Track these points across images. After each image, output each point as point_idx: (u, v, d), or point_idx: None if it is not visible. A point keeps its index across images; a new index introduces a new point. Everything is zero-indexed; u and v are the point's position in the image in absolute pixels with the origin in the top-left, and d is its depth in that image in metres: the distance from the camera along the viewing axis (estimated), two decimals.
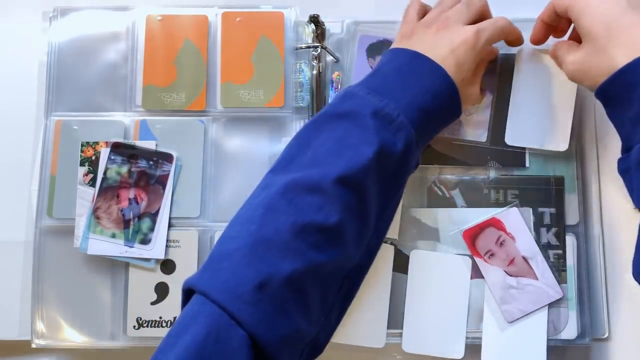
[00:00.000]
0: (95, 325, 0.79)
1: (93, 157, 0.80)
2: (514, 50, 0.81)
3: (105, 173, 0.79)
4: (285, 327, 0.58)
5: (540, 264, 0.77)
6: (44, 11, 0.85)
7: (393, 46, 0.74)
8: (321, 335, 0.64)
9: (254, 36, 0.83)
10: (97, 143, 0.80)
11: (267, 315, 0.57)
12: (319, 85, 0.83)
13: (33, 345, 0.79)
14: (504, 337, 0.77)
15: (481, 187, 0.80)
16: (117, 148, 0.80)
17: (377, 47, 0.83)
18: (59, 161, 0.80)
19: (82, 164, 0.80)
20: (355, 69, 0.83)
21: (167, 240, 0.79)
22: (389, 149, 0.65)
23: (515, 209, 0.79)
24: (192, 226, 0.80)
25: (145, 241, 0.78)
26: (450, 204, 0.80)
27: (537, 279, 0.77)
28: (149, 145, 0.80)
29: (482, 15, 0.75)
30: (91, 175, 0.79)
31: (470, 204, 0.80)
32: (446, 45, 0.70)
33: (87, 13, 0.85)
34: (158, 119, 0.82)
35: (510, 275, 0.77)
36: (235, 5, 0.85)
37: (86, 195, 0.79)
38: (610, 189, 0.81)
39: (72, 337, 0.79)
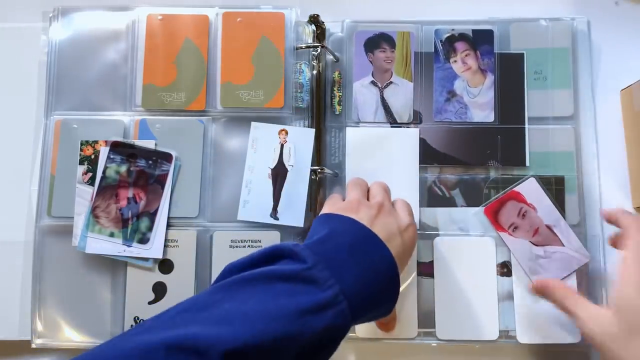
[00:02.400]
0: (95, 325, 0.79)
1: (92, 156, 0.80)
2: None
3: (104, 172, 0.79)
4: None
5: (564, 230, 0.78)
6: (44, 11, 0.85)
7: (340, 213, 0.67)
8: None
9: (255, 36, 0.83)
10: (96, 142, 0.80)
11: None
12: (319, 85, 0.83)
13: (33, 345, 0.79)
14: (535, 311, 0.78)
15: (481, 186, 0.80)
16: (116, 147, 0.80)
17: (375, 41, 0.84)
18: (59, 160, 0.80)
19: (81, 162, 0.80)
20: (355, 65, 0.83)
21: (165, 240, 0.79)
22: (319, 332, 0.56)
23: (532, 179, 0.80)
24: (191, 226, 0.80)
25: (143, 240, 0.78)
26: (451, 203, 0.80)
27: (563, 245, 0.78)
28: (148, 144, 0.80)
29: None
30: (90, 174, 0.79)
31: (471, 203, 0.80)
32: (394, 225, 0.67)
33: (87, 13, 0.85)
34: (158, 118, 0.82)
35: (537, 245, 0.78)
36: (236, 5, 0.85)
37: (85, 194, 0.79)
38: (610, 189, 0.81)
39: (72, 337, 0.79)
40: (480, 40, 0.83)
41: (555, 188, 0.79)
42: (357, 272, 0.60)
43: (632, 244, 0.66)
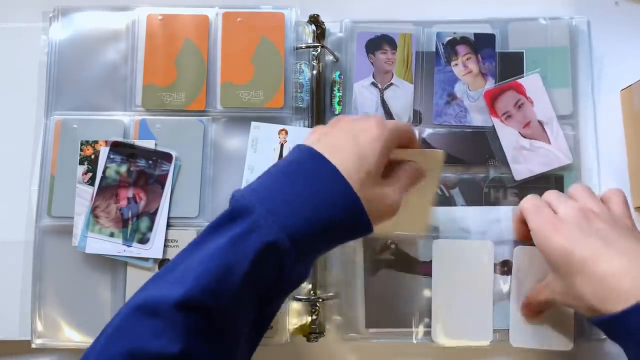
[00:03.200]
0: (95, 325, 0.78)
1: (92, 156, 0.80)
2: None
3: (104, 172, 0.79)
4: None
5: (554, 130, 0.80)
6: (44, 11, 0.85)
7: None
8: None
9: (255, 36, 0.83)
10: (96, 142, 0.80)
11: None
12: (319, 85, 0.83)
13: (33, 345, 0.78)
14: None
15: (481, 186, 0.80)
16: (116, 147, 0.80)
17: (376, 42, 0.84)
18: (59, 160, 0.80)
19: (81, 162, 0.80)
20: (356, 66, 0.83)
21: (165, 240, 0.79)
22: (253, 256, 0.56)
23: (537, 75, 0.81)
24: (191, 226, 0.80)
25: (143, 240, 0.78)
26: (450, 202, 0.80)
27: (549, 143, 0.80)
28: (148, 144, 0.80)
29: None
30: (90, 174, 0.79)
31: (470, 202, 0.80)
32: (348, 136, 0.62)
33: (87, 13, 0.85)
34: (158, 118, 0.82)
35: (524, 137, 0.80)
36: (236, 5, 0.85)
37: (85, 194, 0.79)
38: None
39: (72, 337, 0.79)
40: (481, 44, 0.83)
41: (554, 187, 0.79)
42: (288, 194, 0.58)
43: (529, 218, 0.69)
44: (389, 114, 0.82)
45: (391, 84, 0.83)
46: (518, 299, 0.77)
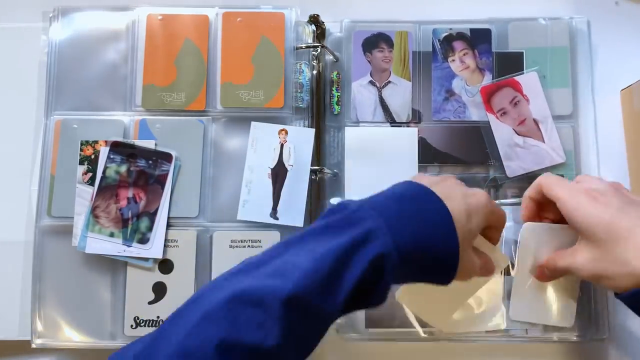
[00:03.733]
0: (95, 325, 0.79)
1: (92, 156, 0.80)
2: None
3: (104, 172, 0.79)
4: None
5: (549, 129, 0.80)
6: (44, 11, 0.85)
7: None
8: None
9: (254, 36, 0.83)
10: (96, 142, 0.80)
11: None
12: (319, 85, 0.83)
13: (33, 345, 0.78)
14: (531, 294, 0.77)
15: (481, 185, 0.80)
16: (116, 147, 0.80)
17: (373, 41, 0.84)
18: (59, 160, 0.80)
19: (81, 162, 0.80)
20: (353, 65, 0.83)
21: (165, 240, 0.79)
22: (366, 265, 0.57)
23: (534, 73, 0.81)
24: (191, 226, 0.80)
25: (143, 240, 0.78)
26: None
27: (543, 141, 0.80)
28: (148, 144, 0.80)
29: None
30: (90, 174, 0.79)
31: None
32: (459, 192, 0.63)
33: (87, 13, 0.85)
34: (158, 118, 0.82)
35: (519, 135, 0.80)
36: (236, 5, 0.85)
37: (85, 194, 0.79)
38: None
39: (72, 337, 0.79)
40: (478, 39, 0.83)
41: None
42: (403, 214, 0.59)
43: (558, 191, 0.69)
44: (387, 112, 0.82)
45: (389, 82, 0.83)
46: (522, 275, 0.76)
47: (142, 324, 0.78)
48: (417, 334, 0.78)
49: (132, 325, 0.78)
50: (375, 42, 0.84)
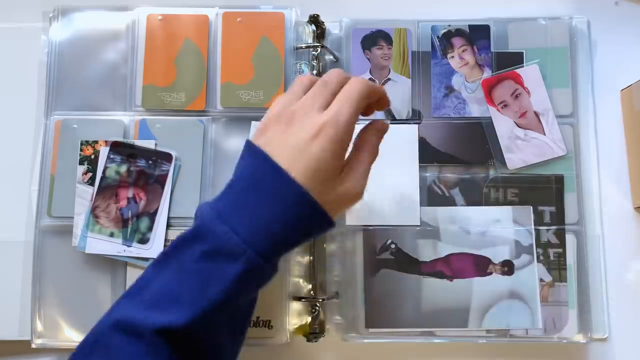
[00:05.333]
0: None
1: (92, 156, 0.80)
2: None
3: (104, 172, 0.79)
4: None
5: (550, 121, 0.80)
6: (44, 11, 0.85)
7: (251, 138, 0.63)
8: None
9: (254, 36, 0.83)
10: (96, 142, 0.80)
11: None
12: None
13: (33, 345, 0.78)
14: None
15: (481, 185, 0.80)
16: (116, 147, 0.80)
17: (372, 38, 0.84)
18: (59, 160, 0.80)
19: (81, 162, 0.80)
20: (353, 63, 0.83)
21: (165, 240, 0.79)
22: (230, 286, 0.57)
23: (536, 66, 0.82)
24: (191, 226, 0.80)
25: (143, 240, 0.78)
26: (450, 202, 0.80)
27: (544, 134, 0.80)
28: (148, 144, 0.80)
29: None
30: (90, 174, 0.79)
31: (470, 202, 0.80)
32: (295, 145, 0.59)
33: (87, 13, 0.85)
34: (158, 118, 0.82)
35: (520, 127, 0.80)
36: (236, 5, 0.85)
37: (85, 194, 0.79)
38: (610, 189, 0.81)
39: (72, 337, 0.79)
40: (476, 35, 0.83)
41: (555, 187, 0.79)
42: (254, 217, 0.58)
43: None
44: (387, 110, 0.82)
45: (388, 79, 0.83)
46: None
47: None
48: (417, 333, 0.78)
49: None
50: (374, 39, 0.84)
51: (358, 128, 0.64)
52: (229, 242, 0.57)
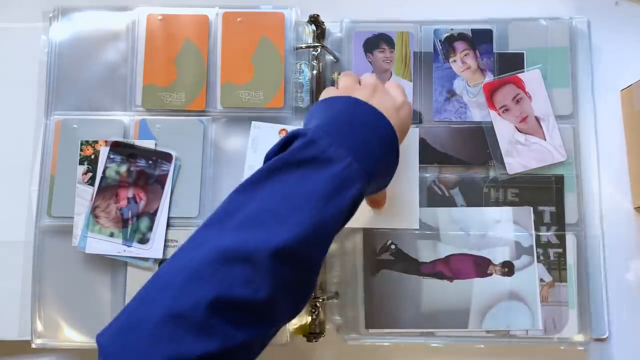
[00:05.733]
0: (95, 325, 0.77)
1: (92, 156, 0.80)
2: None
3: (104, 172, 0.79)
4: None
5: (550, 126, 0.80)
6: (44, 11, 0.85)
7: (338, 94, 0.70)
8: None
9: (255, 36, 0.83)
10: (96, 142, 0.80)
11: None
12: (319, 85, 0.83)
13: (33, 345, 0.78)
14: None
15: (481, 186, 0.80)
16: (116, 147, 0.80)
17: (374, 42, 0.84)
18: (59, 160, 0.80)
19: (81, 162, 0.80)
20: (354, 66, 0.83)
21: (165, 240, 0.79)
22: (347, 207, 0.60)
23: (538, 70, 0.82)
24: (191, 226, 0.80)
25: (143, 240, 0.78)
26: (450, 203, 0.80)
27: (545, 139, 0.80)
28: (148, 144, 0.80)
29: None
30: (90, 174, 0.79)
31: (470, 203, 0.80)
32: (390, 102, 0.69)
33: (87, 13, 0.85)
34: (158, 118, 0.82)
35: (520, 132, 0.80)
36: (236, 5, 0.85)
37: (85, 194, 0.79)
38: (610, 189, 0.81)
39: (72, 337, 0.79)
40: (479, 39, 0.83)
41: (554, 187, 0.79)
42: (364, 143, 0.63)
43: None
44: None
45: None
46: None
47: None
48: (416, 334, 0.78)
49: None
50: (376, 42, 0.84)
51: None
52: (346, 165, 0.60)
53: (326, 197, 0.58)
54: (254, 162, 0.80)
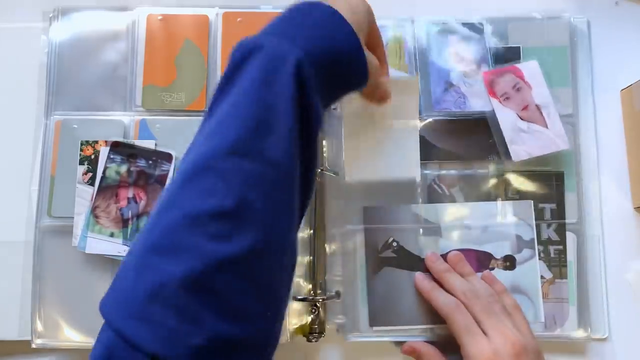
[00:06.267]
0: (95, 325, 0.77)
1: (92, 156, 0.80)
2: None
3: (104, 172, 0.79)
4: (197, 336, 0.47)
5: (552, 115, 0.80)
6: (44, 11, 0.85)
7: None
8: (270, 331, 0.53)
9: None
10: (96, 142, 0.80)
11: (166, 329, 0.47)
12: None
13: (33, 345, 0.78)
14: None
15: (481, 183, 0.80)
16: (116, 147, 0.80)
17: None
18: (59, 160, 0.80)
19: (81, 162, 0.80)
20: None
21: None
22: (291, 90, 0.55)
23: (535, 61, 0.82)
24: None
25: None
26: (451, 200, 0.80)
27: (547, 127, 0.80)
28: (149, 144, 0.80)
29: None
30: (90, 174, 0.79)
31: (471, 199, 0.80)
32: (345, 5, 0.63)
33: (87, 13, 0.85)
34: (158, 118, 0.82)
35: (522, 120, 0.80)
36: (236, 5, 0.85)
37: (85, 194, 0.79)
38: (610, 189, 0.81)
39: (72, 337, 0.79)
40: (472, 32, 0.83)
41: (555, 184, 0.80)
42: (297, 25, 0.59)
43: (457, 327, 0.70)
44: None
45: None
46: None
47: None
48: (420, 330, 0.78)
49: None
50: None
51: None
52: (281, 46, 0.56)
53: (262, 81, 0.55)
54: None
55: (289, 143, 0.55)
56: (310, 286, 0.79)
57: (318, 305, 0.78)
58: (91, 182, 0.79)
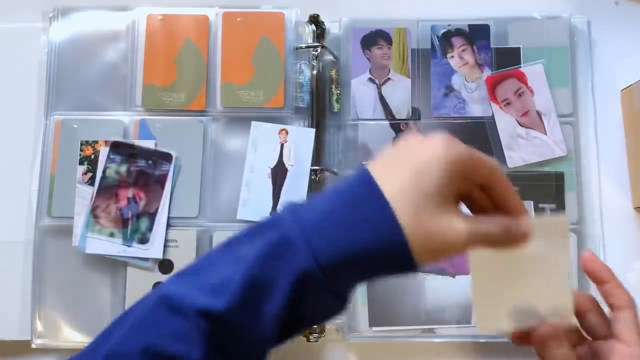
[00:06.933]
0: (95, 325, 0.79)
1: (92, 156, 0.80)
2: None
3: (104, 172, 0.79)
4: None
5: (552, 121, 0.80)
6: (44, 11, 0.85)
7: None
8: None
9: (255, 36, 0.83)
10: (96, 142, 0.80)
11: None
12: (319, 85, 0.83)
13: (33, 345, 0.78)
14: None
15: None
16: (116, 147, 0.80)
17: (371, 38, 0.84)
18: (59, 160, 0.80)
19: (81, 162, 0.80)
20: (353, 63, 0.83)
21: (165, 240, 0.79)
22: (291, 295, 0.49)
23: (541, 65, 0.82)
24: (191, 226, 0.80)
25: (143, 241, 0.78)
26: None
27: (546, 134, 0.80)
28: (148, 144, 0.80)
29: None
30: (90, 174, 0.79)
31: None
32: (407, 157, 0.51)
33: (87, 13, 0.85)
34: (158, 118, 0.82)
35: (521, 126, 0.80)
36: (236, 5, 0.85)
37: (85, 194, 0.79)
38: (610, 189, 0.81)
39: (72, 337, 0.79)
40: (476, 35, 0.83)
41: (555, 184, 0.79)
42: (327, 217, 0.49)
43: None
44: (387, 109, 0.82)
45: (388, 78, 0.83)
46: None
47: None
48: (419, 331, 0.78)
49: None
50: (374, 39, 0.84)
51: None
52: (285, 228, 0.49)
53: (262, 260, 0.49)
54: (254, 162, 0.80)
55: (261, 330, 0.52)
56: None
57: None
58: (91, 182, 0.79)
